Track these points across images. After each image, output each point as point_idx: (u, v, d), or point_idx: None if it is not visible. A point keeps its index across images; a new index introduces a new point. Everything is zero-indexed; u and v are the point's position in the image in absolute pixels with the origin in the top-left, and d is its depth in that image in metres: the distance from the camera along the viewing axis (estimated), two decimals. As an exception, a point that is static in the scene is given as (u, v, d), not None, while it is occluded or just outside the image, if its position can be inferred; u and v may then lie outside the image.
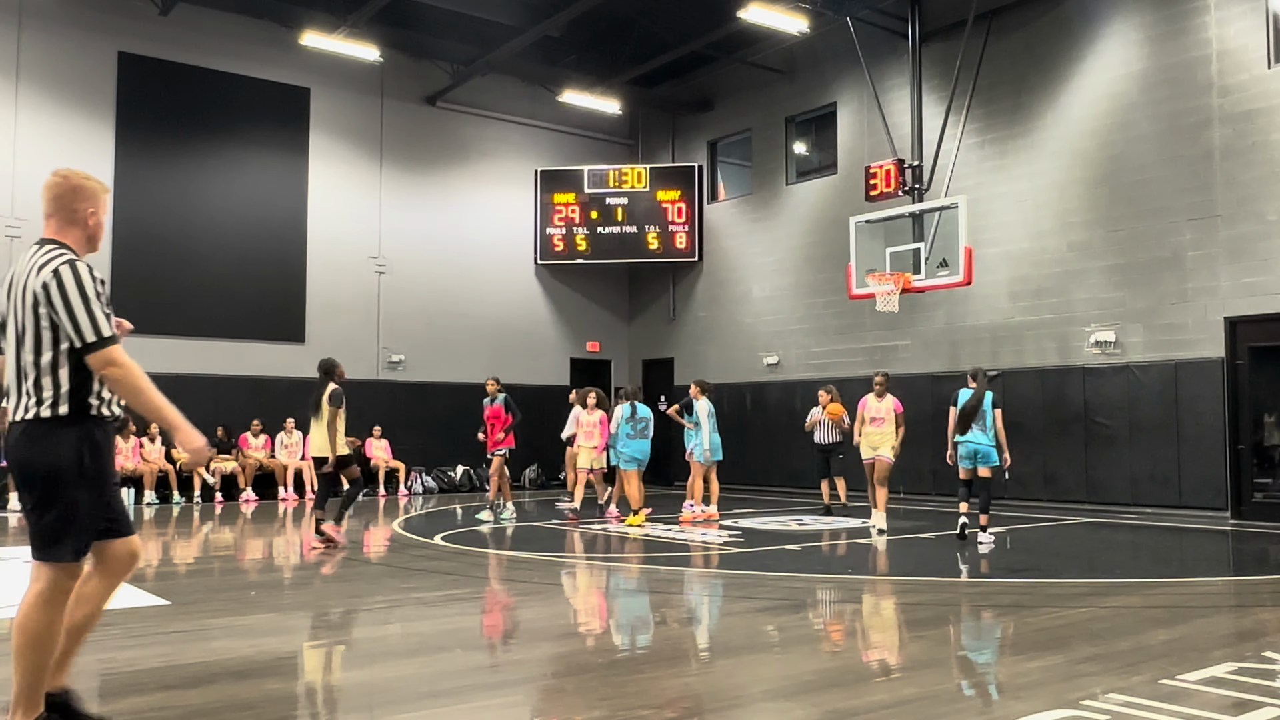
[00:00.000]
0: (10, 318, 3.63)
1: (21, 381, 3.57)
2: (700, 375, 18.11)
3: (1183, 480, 13.27)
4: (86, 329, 3.49)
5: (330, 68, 17.83)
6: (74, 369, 3.55)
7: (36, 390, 3.53)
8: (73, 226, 3.75)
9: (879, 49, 16.57)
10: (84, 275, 3.54)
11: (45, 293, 3.50)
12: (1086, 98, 14.52)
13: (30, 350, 3.55)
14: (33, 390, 3.54)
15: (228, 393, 16.54)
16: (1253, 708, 4.22)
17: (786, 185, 18.83)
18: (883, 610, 7.00)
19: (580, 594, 7.93)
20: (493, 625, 6.26)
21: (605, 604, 7.46)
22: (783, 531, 11.56)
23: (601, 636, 6.21)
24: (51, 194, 3.74)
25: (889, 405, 11.42)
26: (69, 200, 3.74)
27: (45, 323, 3.53)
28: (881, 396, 11.49)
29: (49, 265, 3.55)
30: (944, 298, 15.73)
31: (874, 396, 11.52)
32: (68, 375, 3.55)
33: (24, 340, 3.56)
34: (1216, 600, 7.26)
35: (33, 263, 3.59)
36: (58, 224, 3.74)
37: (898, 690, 4.70)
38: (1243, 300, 12.86)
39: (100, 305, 3.53)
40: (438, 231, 19.19)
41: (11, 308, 3.62)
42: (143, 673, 4.94)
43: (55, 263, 3.55)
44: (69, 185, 3.75)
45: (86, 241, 3.78)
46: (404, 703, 4.26)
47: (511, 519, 12.73)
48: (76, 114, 15.94)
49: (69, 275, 3.52)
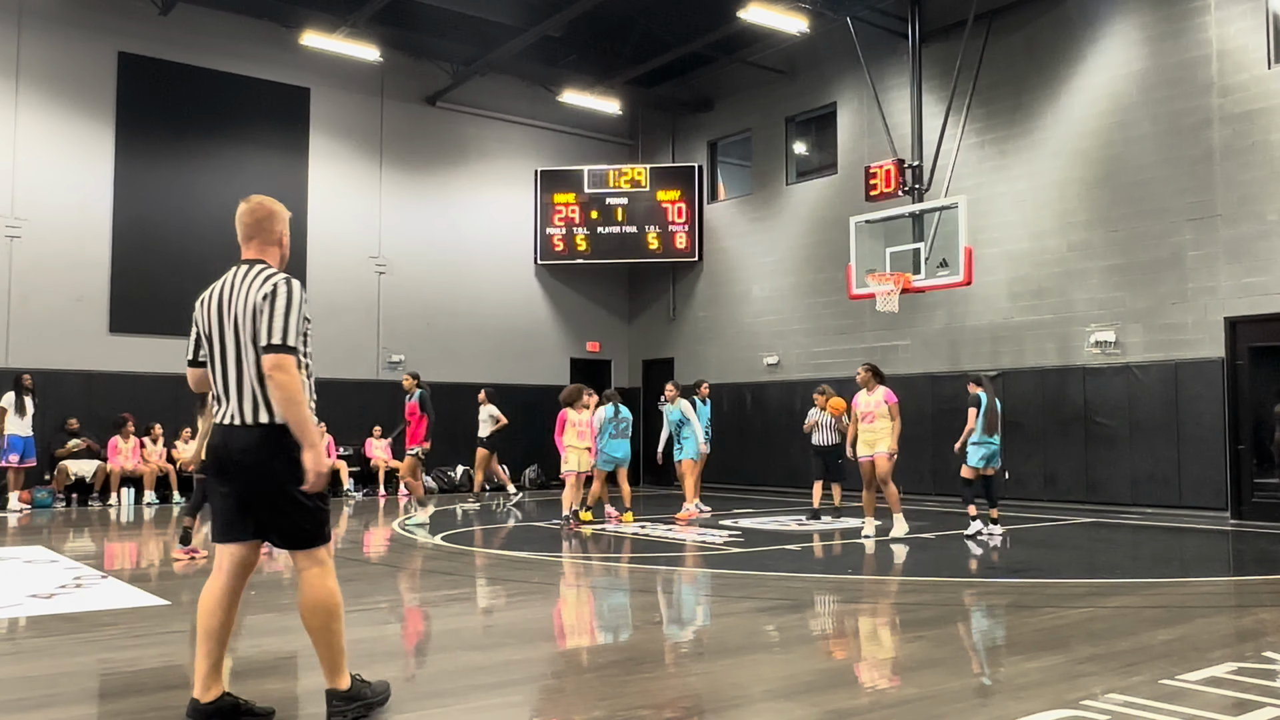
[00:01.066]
0: (220, 332, 3.93)
1: (240, 389, 3.88)
2: (700, 375, 18.15)
3: (1183, 480, 13.27)
4: (277, 331, 3.81)
5: (330, 68, 17.83)
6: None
7: (265, 398, 3.86)
8: (271, 247, 4.12)
9: (879, 49, 16.57)
10: (298, 293, 3.92)
11: (264, 303, 3.85)
12: (1086, 98, 14.52)
13: (252, 360, 3.86)
14: (260, 398, 3.86)
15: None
16: (1253, 708, 4.22)
17: (786, 185, 18.83)
18: (883, 610, 7.00)
19: (580, 594, 7.93)
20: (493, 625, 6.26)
21: (605, 604, 7.46)
22: (782, 531, 11.55)
23: (601, 636, 6.21)
24: (252, 219, 4.11)
25: (879, 398, 10.70)
26: (268, 224, 4.12)
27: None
28: (871, 390, 10.77)
29: (271, 279, 3.92)
30: (944, 298, 15.73)
31: (864, 392, 10.83)
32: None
33: (244, 351, 3.87)
34: (1216, 600, 7.25)
35: (247, 281, 3.94)
36: (259, 246, 4.10)
37: (898, 690, 4.70)
38: (1243, 300, 12.86)
39: (299, 320, 3.87)
40: (438, 231, 19.19)
41: (221, 323, 3.93)
42: (143, 673, 4.94)
43: (276, 277, 3.93)
44: (266, 210, 4.12)
45: (280, 261, 4.14)
46: (404, 703, 4.26)
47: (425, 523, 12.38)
48: (76, 114, 15.94)
49: (285, 289, 3.88)
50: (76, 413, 15.34)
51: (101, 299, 16.01)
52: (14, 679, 4.78)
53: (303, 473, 3.80)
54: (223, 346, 3.93)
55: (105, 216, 16.09)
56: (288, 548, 3.98)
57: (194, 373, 4.13)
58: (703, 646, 5.77)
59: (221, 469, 3.94)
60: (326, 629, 3.92)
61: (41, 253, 15.48)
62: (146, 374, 16.03)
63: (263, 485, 3.87)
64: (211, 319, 3.98)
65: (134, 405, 15.33)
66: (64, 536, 11.23)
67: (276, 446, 3.84)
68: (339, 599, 3.98)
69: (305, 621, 3.96)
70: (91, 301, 15.91)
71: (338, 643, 3.94)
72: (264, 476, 3.86)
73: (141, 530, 12.19)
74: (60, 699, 4.50)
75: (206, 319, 4.00)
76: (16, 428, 14.06)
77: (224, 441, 3.92)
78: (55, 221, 15.63)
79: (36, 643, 5.72)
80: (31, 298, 15.37)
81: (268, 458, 3.84)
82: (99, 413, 15.47)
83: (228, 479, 3.94)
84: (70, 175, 15.84)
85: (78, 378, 15.57)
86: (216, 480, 3.99)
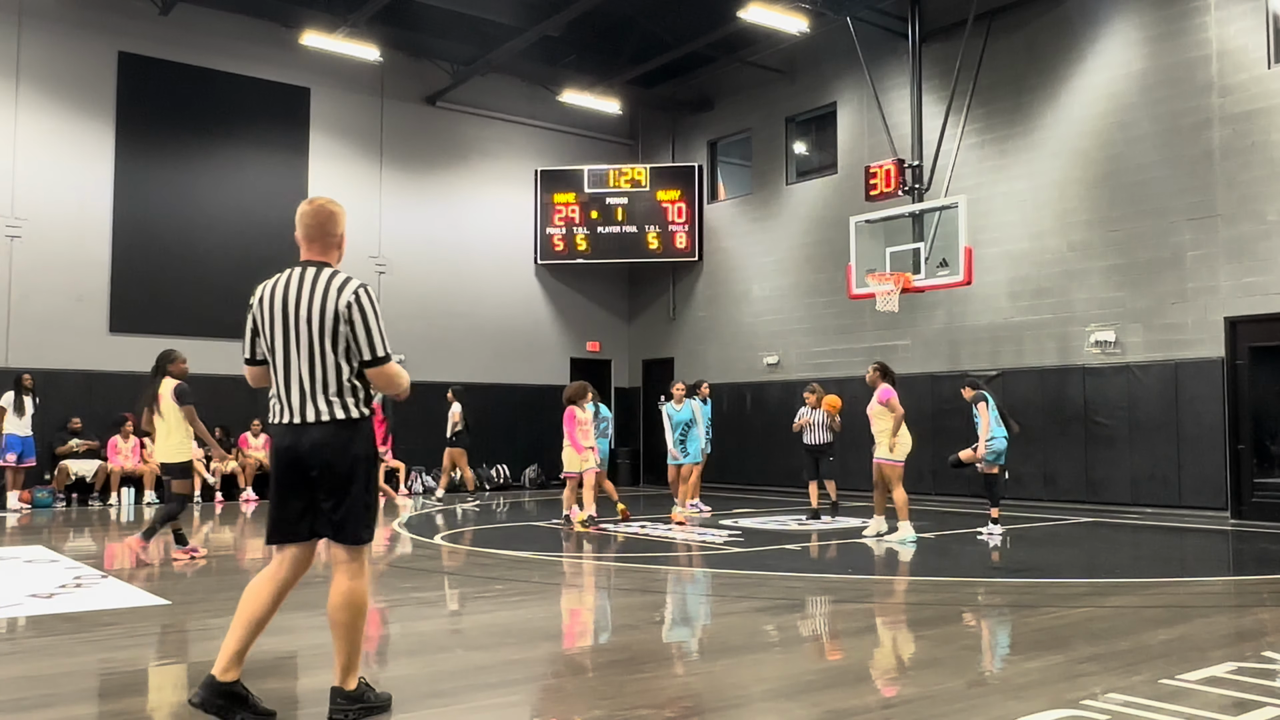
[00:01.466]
0: (286, 332, 4.00)
1: (314, 387, 3.98)
2: (700, 375, 18.18)
3: (1183, 480, 13.27)
4: (378, 345, 4.01)
5: (330, 68, 17.83)
6: (360, 376, 4.04)
7: (340, 395, 3.98)
8: (331, 249, 4.21)
9: (879, 49, 16.57)
10: (375, 300, 4.06)
11: (349, 312, 3.96)
12: (1086, 98, 14.52)
13: (331, 361, 3.98)
14: (337, 395, 3.98)
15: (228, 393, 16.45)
16: (1253, 708, 4.22)
17: (786, 185, 18.83)
18: (883, 610, 7.00)
19: (580, 594, 7.93)
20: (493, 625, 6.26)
21: (605, 603, 7.46)
22: (782, 531, 11.55)
23: (601, 636, 6.21)
24: (314, 220, 4.17)
25: (874, 398, 10.58)
26: (329, 225, 4.20)
27: (342, 341, 3.98)
28: (873, 388, 10.62)
29: (347, 288, 4.00)
30: (944, 298, 15.73)
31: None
32: (362, 383, 4.04)
33: (325, 352, 3.97)
34: (1216, 600, 7.25)
35: (320, 284, 4.01)
36: (320, 247, 4.18)
37: (898, 690, 4.70)
38: (1243, 300, 12.86)
39: (382, 324, 4.06)
40: (438, 231, 19.18)
41: (286, 322, 4.00)
42: (143, 673, 4.94)
43: (352, 285, 4.02)
44: (327, 212, 4.20)
45: (338, 261, 4.23)
46: (404, 703, 4.26)
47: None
48: (76, 114, 15.94)
49: (367, 299, 4.01)
50: (77, 412, 15.35)
51: (101, 299, 16.01)
52: (14, 679, 4.78)
53: (373, 468, 4.04)
54: (294, 346, 4.00)
55: (105, 216, 16.09)
56: (337, 540, 4.02)
57: (253, 370, 4.18)
58: (703, 646, 5.77)
59: (290, 466, 3.98)
60: (351, 627, 3.98)
61: (41, 253, 15.48)
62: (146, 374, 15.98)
63: (334, 476, 3.95)
64: (275, 318, 4.02)
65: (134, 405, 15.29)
66: (64, 536, 11.23)
67: (350, 439, 3.98)
68: (368, 601, 4.06)
69: (332, 616, 3.98)
70: (91, 301, 15.91)
71: (358, 643, 4.01)
72: (336, 466, 3.95)
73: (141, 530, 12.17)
74: (60, 699, 4.49)
75: (267, 318, 4.05)
76: (15, 427, 14.06)
77: (293, 440, 3.97)
78: (55, 221, 15.63)
79: (36, 643, 5.72)
80: (31, 297, 15.37)
81: (342, 448, 3.95)
82: (99, 413, 15.47)
83: (296, 475, 3.98)
84: (70, 175, 15.84)
85: (78, 378, 15.57)
86: (281, 479, 4.02)
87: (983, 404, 10.97)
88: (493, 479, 19.23)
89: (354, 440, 3.98)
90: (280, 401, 4.03)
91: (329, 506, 3.98)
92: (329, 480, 3.96)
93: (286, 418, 4.00)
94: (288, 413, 4.00)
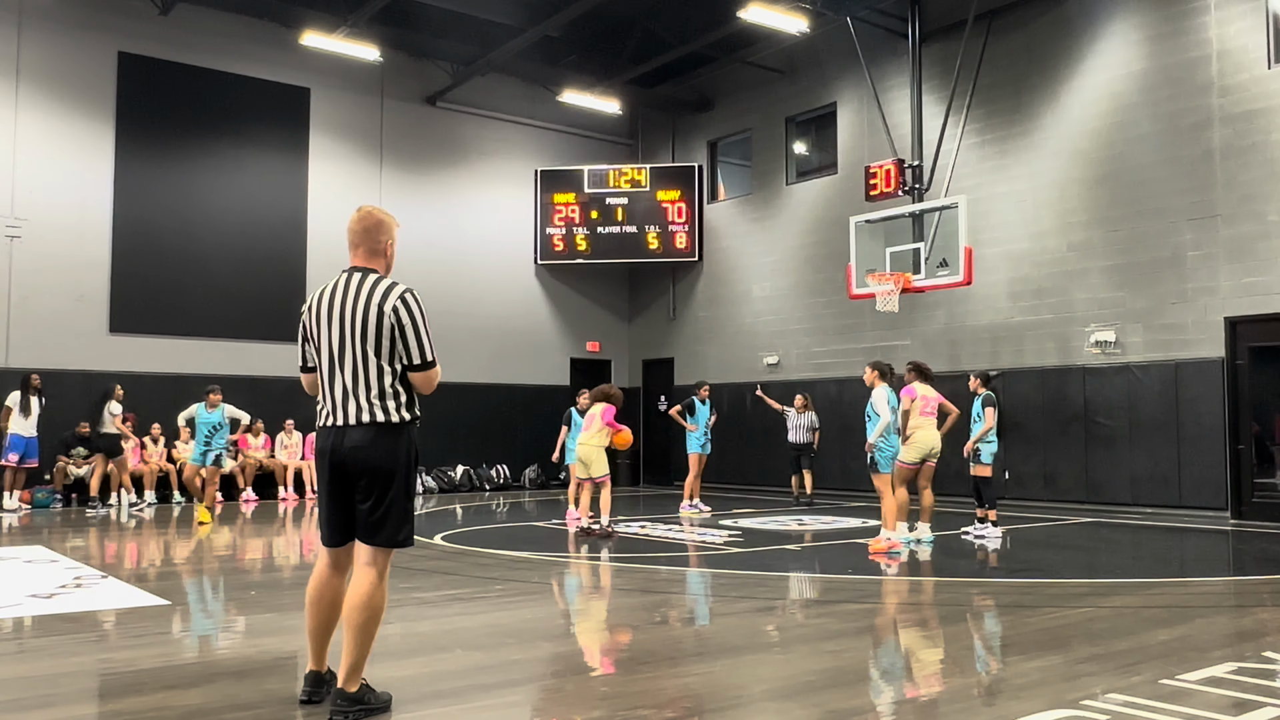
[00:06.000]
0: (331, 337, 4.09)
1: (356, 390, 4.05)
2: (700, 375, 18.19)
3: (1183, 480, 13.27)
4: (427, 351, 4.11)
5: (330, 68, 17.83)
6: (403, 380, 4.11)
7: (382, 399, 4.05)
8: (378, 256, 4.28)
9: (879, 49, 16.57)
10: (421, 305, 4.14)
11: (396, 316, 4.06)
12: (1086, 98, 14.52)
13: (374, 365, 4.05)
14: (379, 399, 4.05)
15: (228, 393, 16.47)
16: (1253, 708, 4.22)
17: (786, 185, 18.83)
18: (883, 610, 7.00)
19: (580, 594, 7.93)
20: (493, 625, 6.26)
21: (605, 604, 7.46)
22: (782, 531, 11.55)
23: (601, 636, 6.21)
24: (360, 227, 4.25)
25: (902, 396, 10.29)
26: (375, 233, 4.27)
27: (388, 345, 4.06)
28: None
29: (393, 292, 4.09)
30: (944, 298, 15.73)
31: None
32: (405, 387, 4.12)
33: (367, 355, 4.05)
34: (1216, 600, 7.25)
35: (368, 289, 4.09)
36: (365, 253, 4.26)
37: (898, 690, 4.70)
38: (1243, 300, 12.86)
39: (429, 330, 4.14)
40: (438, 231, 19.18)
41: (332, 328, 4.08)
42: (143, 673, 4.94)
43: (399, 290, 4.11)
44: (374, 220, 4.27)
45: (386, 269, 4.30)
46: (404, 703, 4.26)
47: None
48: (76, 114, 15.93)
49: (415, 305, 4.12)
50: (77, 413, 15.31)
51: (101, 299, 16.01)
52: (14, 679, 4.78)
53: (412, 472, 4.12)
54: (340, 350, 4.08)
55: (105, 216, 16.08)
56: (369, 541, 4.08)
57: (307, 378, 4.31)
58: (703, 646, 5.76)
59: (333, 469, 4.07)
60: (365, 629, 4.01)
61: (41, 253, 15.48)
62: (146, 374, 16.03)
63: (372, 479, 4.03)
64: (322, 322, 4.12)
65: (134, 405, 15.30)
66: (64, 536, 11.23)
67: (391, 443, 4.05)
68: (385, 605, 4.11)
69: (347, 616, 4.03)
70: (91, 301, 15.91)
71: (368, 645, 4.04)
72: (376, 469, 4.02)
73: (141, 530, 12.18)
74: (60, 699, 4.49)
75: (315, 323, 4.15)
76: (20, 428, 14.02)
77: (335, 443, 4.05)
78: (55, 221, 15.63)
79: (36, 643, 5.72)
80: (32, 298, 15.37)
81: (382, 451, 4.03)
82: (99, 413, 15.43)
83: (339, 477, 4.07)
84: (70, 175, 15.84)
85: (78, 378, 15.55)
86: (326, 482, 4.11)
87: (990, 409, 10.94)
88: (493, 479, 19.23)
89: (395, 444, 4.05)
90: (326, 405, 4.12)
91: (366, 508, 4.05)
92: (368, 482, 4.03)
93: (330, 420, 4.09)
94: (331, 416, 4.09)
